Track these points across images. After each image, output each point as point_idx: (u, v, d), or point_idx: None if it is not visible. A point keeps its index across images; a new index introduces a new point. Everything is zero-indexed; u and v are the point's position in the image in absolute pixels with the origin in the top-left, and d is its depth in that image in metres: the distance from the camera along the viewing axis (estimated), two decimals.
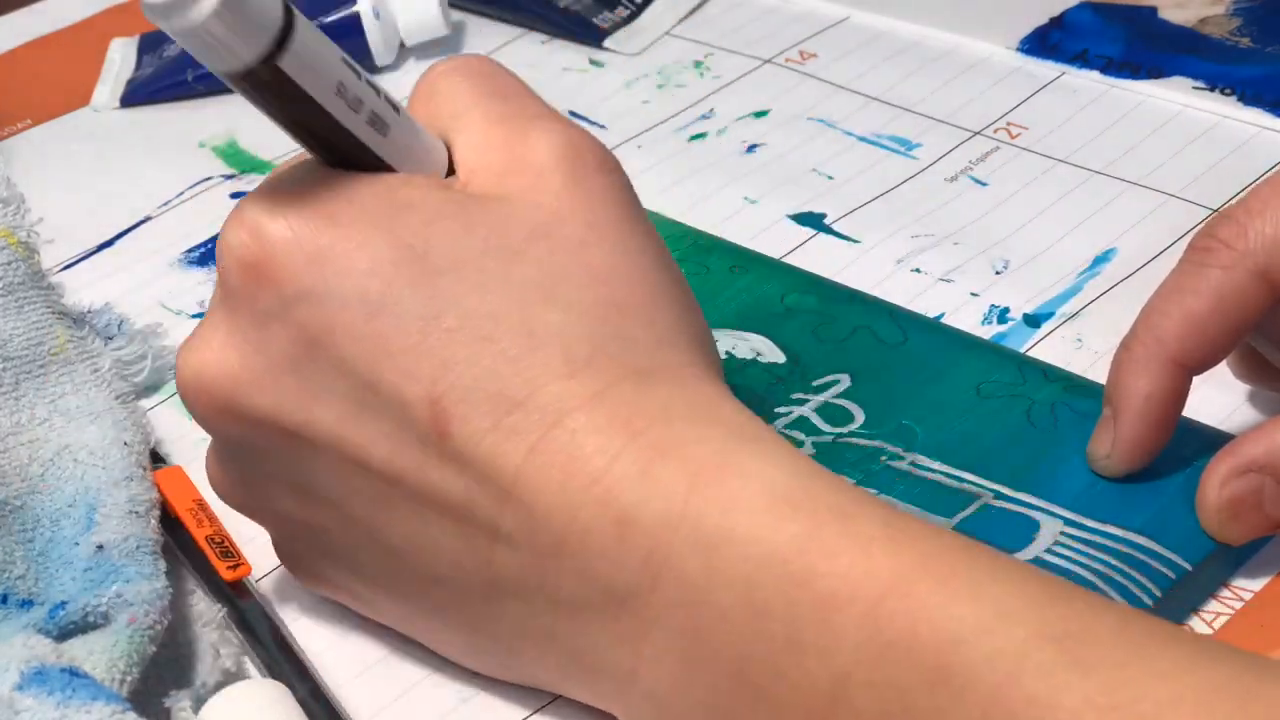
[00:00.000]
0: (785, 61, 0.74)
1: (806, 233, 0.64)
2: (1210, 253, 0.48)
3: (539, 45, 0.77)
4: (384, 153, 0.44)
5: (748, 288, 0.58)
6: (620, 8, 0.77)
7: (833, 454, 0.52)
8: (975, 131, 0.69)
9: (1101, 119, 0.69)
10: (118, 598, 0.46)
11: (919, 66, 0.73)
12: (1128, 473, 0.50)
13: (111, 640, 0.45)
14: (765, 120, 0.71)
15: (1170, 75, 0.70)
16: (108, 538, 0.48)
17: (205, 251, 0.67)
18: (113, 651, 0.45)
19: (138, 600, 0.46)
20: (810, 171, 0.67)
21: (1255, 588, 0.49)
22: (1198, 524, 0.48)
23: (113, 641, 0.45)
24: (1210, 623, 0.48)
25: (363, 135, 0.44)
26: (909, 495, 0.50)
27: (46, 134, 0.75)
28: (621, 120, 0.71)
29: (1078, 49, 0.72)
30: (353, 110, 0.43)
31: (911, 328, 0.57)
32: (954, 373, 0.54)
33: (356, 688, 0.48)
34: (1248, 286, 0.48)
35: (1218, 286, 0.48)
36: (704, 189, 0.67)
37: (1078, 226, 0.63)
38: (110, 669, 0.44)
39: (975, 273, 0.61)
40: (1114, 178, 0.65)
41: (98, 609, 0.46)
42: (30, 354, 0.54)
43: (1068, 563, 0.48)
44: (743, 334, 0.56)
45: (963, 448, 0.51)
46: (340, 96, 0.43)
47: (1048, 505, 0.49)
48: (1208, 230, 0.49)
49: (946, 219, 0.64)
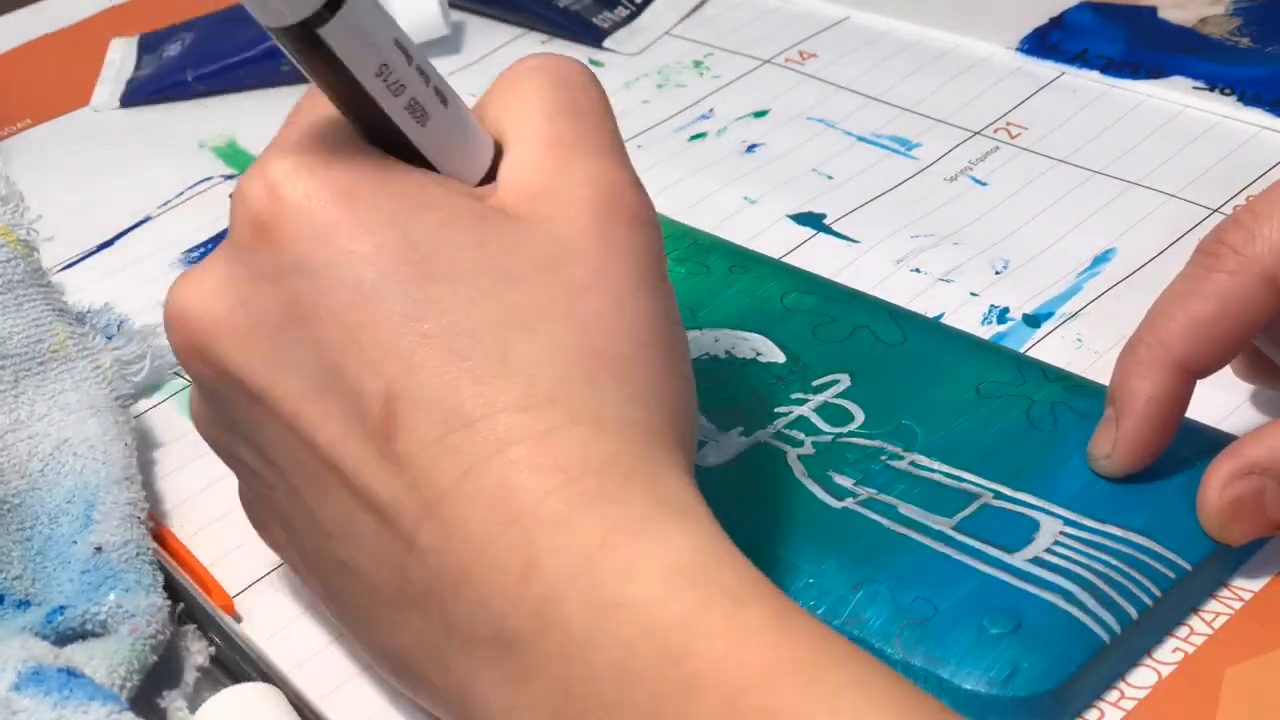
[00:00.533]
0: (785, 61, 0.74)
1: (806, 233, 0.64)
2: (1218, 257, 0.48)
3: (539, 45, 0.77)
4: (419, 141, 0.44)
5: (747, 287, 0.58)
6: (620, 7, 0.77)
7: (833, 454, 0.52)
8: (975, 131, 0.69)
9: (1101, 119, 0.69)
10: (118, 608, 0.46)
11: (919, 66, 0.73)
12: (1127, 474, 0.50)
13: (113, 648, 0.45)
14: (765, 120, 0.71)
15: (1170, 75, 0.70)
16: (106, 539, 0.48)
17: (205, 251, 0.67)
18: (114, 658, 0.45)
19: (139, 611, 0.46)
20: (810, 171, 0.67)
21: (1255, 588, 0.49)
22: (1198, 524, 0.48)
23: (114, 649, 0.45)
24: (1210, 622, 0.48)
25: (399, 120, 0.43)
26: (908, 495, 0.50)
27: (46, 134, 0.75)
28: (621, 120, 0.70)
29: (1078, 49, 0.72)
30: (392, 94, 0.43)
31: (911, 328, 0.56)
32: (954, 373, 0.54)
33: (339, 698, 0.48)
34: (1254, 292, 0.48)
35: (1224, 291, 0.48)
36: (704, 189, 0.67)
37: (1077, 226, 0.63)
38: (110, 674, 0.44)
39: (975, 273, 0.61)
40: (1114, 178, 0.65)
41: (96, 617, 0.46)
42: (30, 351, 0.54)
43: (1067, 562, 0.48)
44: (743, 334, 0.56)
45: (962, 447, 0.51)
46: (381, 78, 0.42)
47: (1047, 505, 0.49)
48: (1216, 235, 0.49)
49: (946, 219, 0.64)
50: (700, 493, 0.42)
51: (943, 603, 0.47)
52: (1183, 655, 0.48)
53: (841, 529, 0.49)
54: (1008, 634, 0.46)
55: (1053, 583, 0.47)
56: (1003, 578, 0.47)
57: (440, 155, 0.44)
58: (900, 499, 0.50)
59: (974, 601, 0.47)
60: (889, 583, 0.47)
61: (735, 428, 0.53)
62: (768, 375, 0.55)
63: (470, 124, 0.45)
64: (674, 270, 0.59)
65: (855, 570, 0.48)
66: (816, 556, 0.48)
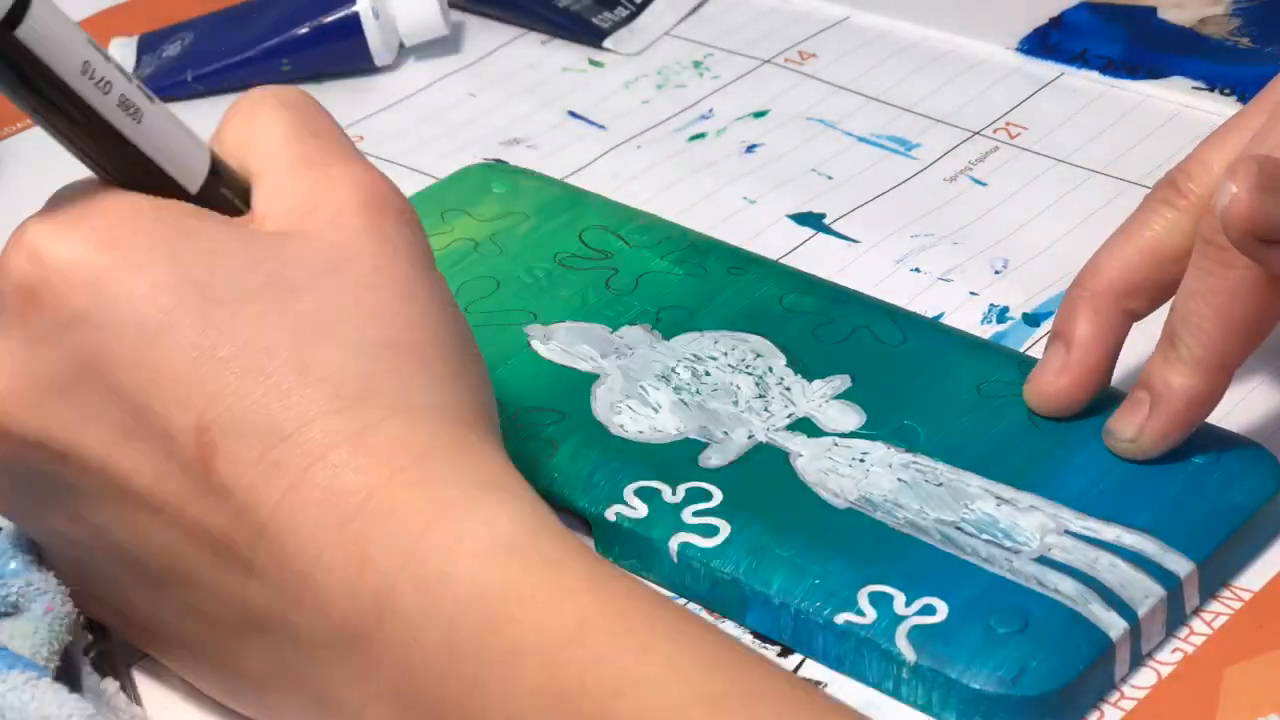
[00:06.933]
0: (785, 61, 0.74)
1: (806, 233, 0.64)
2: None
3: (538, 45, 0.77)
4: (139, 140, 0.44)
5: (746, 289, 0.58)
6: (620, 7, 0.77)
7: (835, 455, 0.52)
8: (975, 131, 0.69)
9: (1101, 119, 0.69)
10: (28, 585, 0.45)
11: (919, 66, 0.73)
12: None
13: (32, 627, 0.44)
14: (765, 120, 0.71)
15: (1170, 75, 0.70)
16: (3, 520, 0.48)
17: None
18: (34, 638, 0.44)
19: (50, 588, 0.45)
20: (810, 171, 0.67)
21: (1255, 587, 0.49)
22: (1200, 523, 0.49)
23: (34, 628, 0.44)
24: (1210, 622, 0.48)
25: (115, 120, 0.43)
26: (912, 496, 0.50)
27: (47, 134, 0.75)
28: (621, 120, 0.71)
29: (1077, 49, 0.72)
30: (102, 91, 0.42)
31: (911, 328, 0.56)
32: (955, 372, 0.54)
33: None
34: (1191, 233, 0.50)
35: None
36: (703, 189, 0.67)
37: (1077, 226, 0.63)
38: (34, 653, 0.44)
39: (975, 272, 0.61)
40: (1113, 177, 0.65)
41: (6, 598, 0.45)
42: None
43: (1073, 561, 0.48)
44: (742, 335, 0.56)
45: (965, 447, 0.51)
46: (87, 76, 0.42)
47: (1051, 504, 0.49)
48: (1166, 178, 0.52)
49: (946, 219, 0.64)
50: (514, 466, 0.43)
51: (949, 603, 0.47)
52: (1183, 655, 0.48)
53: (846, 530, 0.49)
54: (1015, 633, 0.46)
55: (1059, 582, 0.47)
56: (1009, 577, 0.47)
57: (164, 155, 0.44)
58: (904, 499, 0.50)
59: (981, 601, 0.47)
60: (895, 583, 0.47)
61: (737, 430, 0.53)
62: (768, 377, 0.55)
63: (178, 120, 0.45)
64: (672, 272, 0.59)
65: (861, 571, 0.48)
66: (822, 558, 0.48)
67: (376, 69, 0.75)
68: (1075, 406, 0.52)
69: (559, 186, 0.64)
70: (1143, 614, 0.47)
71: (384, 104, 0.73)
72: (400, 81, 0.74)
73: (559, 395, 0.54)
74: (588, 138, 0.70)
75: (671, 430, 0.53)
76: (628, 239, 0.61)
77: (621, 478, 0.51)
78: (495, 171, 0.65)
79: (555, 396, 0.54)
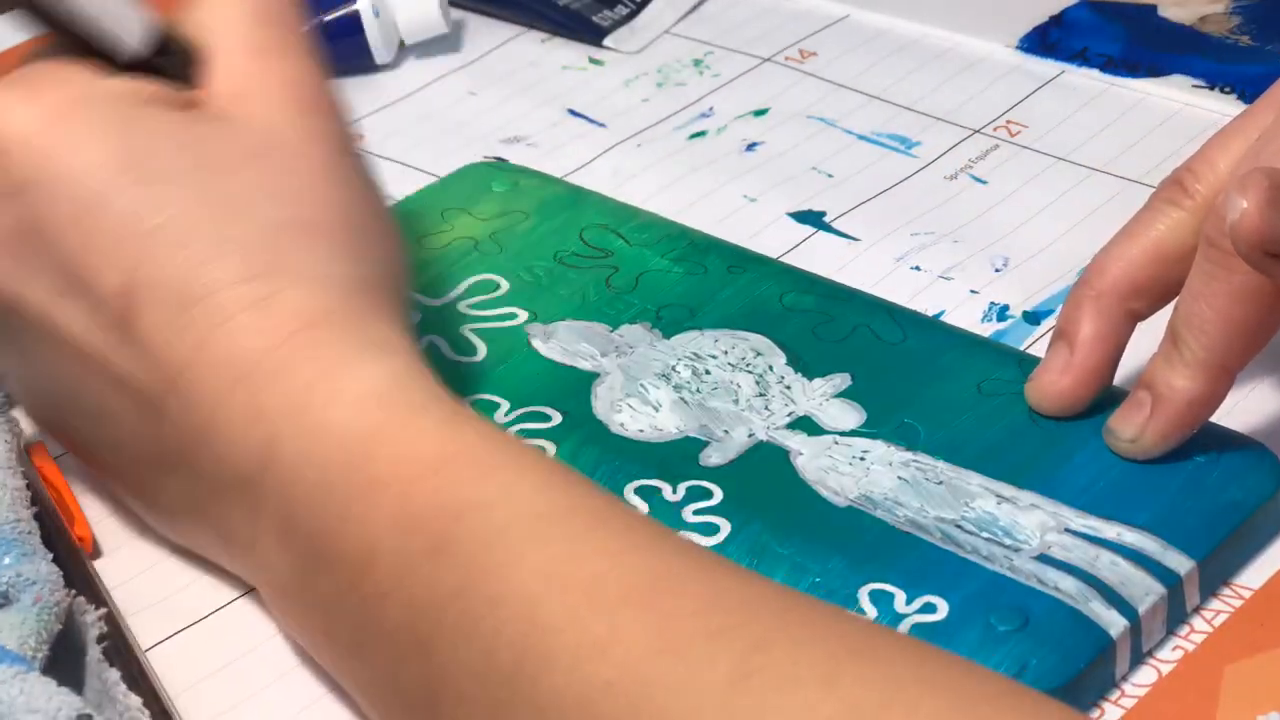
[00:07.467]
0: (785, 60, 0.74)
1: (806, 231, 0.64)
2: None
3: (539, 43, 0.77)
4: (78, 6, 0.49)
5: (746, 287, 0.58)
6: (620, 6, 0.77)
7: (835, 453, 0.52)
8: (975, 129, 0.69)
9: (1101, 117, 0.69)
10: (18, 576, 0.46)
11: (919, 65, 0.73)
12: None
13: (20, 618, 0.45)
14: (765, 118, 0.71)
15: (1170, 73, 0.70)
16: None
17: None
18: (22, 629, 0.45)
19: (39, 578, 0.46)
20: (810, 170, 0.67)
21: (1255, 586, 0.49)
22: (1201, 521, 0.49)
23: (21, 619, 0.45)
24: (1211, 620, 0.48)
25: None
26: (913, 494, 0.50)
27: None
28: (621, 118, 0.71)
29: (1077, 47, 0.72)
30: None
31: (911, 326, 0.57)
32: (955, 371, 0.54)
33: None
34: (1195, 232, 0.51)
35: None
36: (703, 187, 0.67)
37: (1077, 224, 0.63)
38: (21, 645, 0.45)
39: (975, 270, 0.61)
40: (1113, 175, 0.65)
41: None
42: None
43: (1073, 559, 0.48)
44: (743, 334, 0.56)
45: (965, 445, 0.51)
46: None
47: (1052, 502, 0.50)
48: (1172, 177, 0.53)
49: (946, 217, 0.64)
50: (410, 334, 0.48)
51: (950, 600, 0.47)
52: (1183, 653, 0.48)
53: (846, 528, 0.49)
54: (1015, 631, 0.46)
55: (1059, 580, 0.47)
56: (1009, 575, 0.47)
57: (104, 20, 0.49)
58: (904, 498, 0.50)
59: (981, 599, 0.47)
60: (895, 581, 0.48)
61: (737, 428, 0.53)
62: (769, 375, 0.55)
63: None
64: (672, 270, 0.59)
65: (861, 569, 0.48)
66: (822, 556, 0.48)
67: (376, 67, 0.75)
68: (1077, 406, 0.52)
69: (559, 185, 0.64)
70: (1143, 612, 0.47)
71: (384, 102, 0.73)
72: (400, 79, 0.74)
73: (559, 394, 0.54)
74: (588, 136, 0.70)
75: (672, 429, 0.53)
76: (628, 237, 0.61)
77: (622, 476, 0.51)
78: (495, 170, 0.65)
79: (555, 395, 0.54)
